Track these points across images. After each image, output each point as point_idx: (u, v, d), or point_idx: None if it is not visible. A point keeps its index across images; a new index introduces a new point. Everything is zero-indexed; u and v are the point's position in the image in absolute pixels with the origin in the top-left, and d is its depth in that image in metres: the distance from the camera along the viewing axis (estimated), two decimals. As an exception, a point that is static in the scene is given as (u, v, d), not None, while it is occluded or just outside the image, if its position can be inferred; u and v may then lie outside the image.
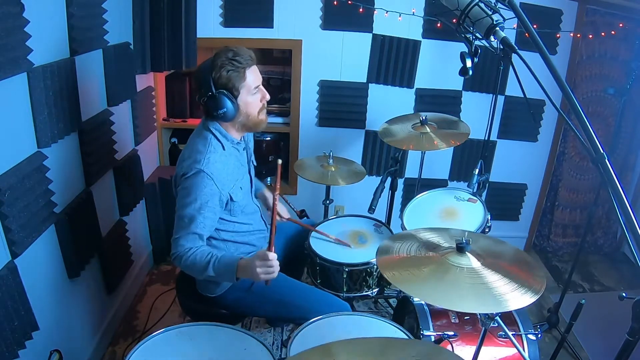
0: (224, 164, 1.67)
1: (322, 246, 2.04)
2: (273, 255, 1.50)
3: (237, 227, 1.80)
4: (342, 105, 3.05)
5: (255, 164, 1.95)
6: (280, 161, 1.66)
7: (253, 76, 1.67)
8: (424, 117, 2.36)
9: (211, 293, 1.80)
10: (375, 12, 2.78)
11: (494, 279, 1.23)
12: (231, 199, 1.71)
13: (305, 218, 2.34)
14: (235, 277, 1.55)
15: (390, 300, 2.74)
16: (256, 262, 1.50)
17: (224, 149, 1.70)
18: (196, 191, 1.59)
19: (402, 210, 2.27)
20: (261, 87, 1.72)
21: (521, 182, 3.32)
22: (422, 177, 2.68)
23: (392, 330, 1.59)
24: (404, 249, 1.40)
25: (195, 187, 1.59)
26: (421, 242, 1.43)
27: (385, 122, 2.54)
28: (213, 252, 1.60)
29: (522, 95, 1.16)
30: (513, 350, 1.69)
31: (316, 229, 2.12)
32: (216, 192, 1.63)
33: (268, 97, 1.75)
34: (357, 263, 1.94)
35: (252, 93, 1.68)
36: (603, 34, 2.87)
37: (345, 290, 1.97)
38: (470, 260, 1.29)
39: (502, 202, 3.32)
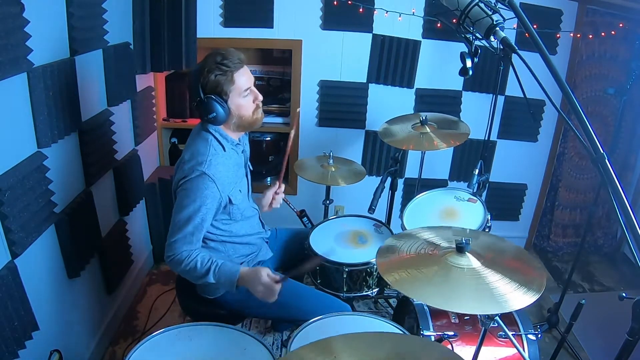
0: (225, 166, 1.67)
1: (322, 246, 2.03)
2: (278, 287, 1.54)
3: (236, 231, 1.80)
4: (342, 105, 3.05)
5: (251, 168, 1.94)
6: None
7: (243, 78, 1.65)
8: (424, 117, 2.36)
9: (211, 295, 1.80)
10: (375, 12, 2.78)
11: (494, 279, 1.22)
12: (230, 201, 1.70)
13: (305, 219, 2.34)
14: (235, 287, 1.58)
15: (390, 301, 2.74)
16: (261, 281, 1.53)
17: (224, 150, 1.69)
18: (196, 193, 1.58)
19: (402, 211, 2.27)
20: (252, 88, 1.69)
21: (521, 182, 3.32)
22: (422, 177, 2.67)
23: (392, 331, 1.58)
24: (403, 249, 1.40)
25: (197, 189, 1.59)
26: (420, 243, 1.42)
27: (385, 122, 2.54)
28: (213, 258, 1.59)
29: (522, 95, 1.16)
30: (513, 350, 1.69)
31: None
32: (217, 196, 1.63)
33: (261, 97, 1.72)
34: (357, 263, 1.94)
35: (243, 95, 1.66)
36: (603, 34, 2.87)
37: (345, 290, 1.97)
38: (470, 261, 1.29)
39: (502, 202, 3.32)
